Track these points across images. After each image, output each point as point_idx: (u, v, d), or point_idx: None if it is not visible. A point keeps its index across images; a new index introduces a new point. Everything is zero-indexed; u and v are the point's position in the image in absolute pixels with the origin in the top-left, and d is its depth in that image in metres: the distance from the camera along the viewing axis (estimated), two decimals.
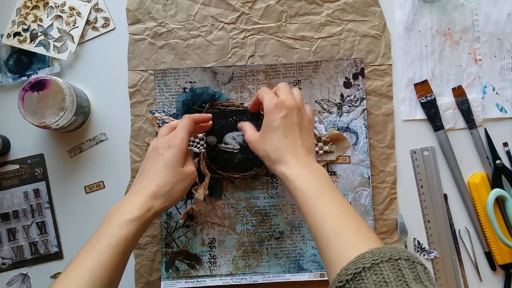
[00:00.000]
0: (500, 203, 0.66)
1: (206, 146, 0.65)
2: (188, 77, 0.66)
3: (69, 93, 0.60)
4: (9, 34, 0.67)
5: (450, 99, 0.67)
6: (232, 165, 0.65)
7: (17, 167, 0.67)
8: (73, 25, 0.67)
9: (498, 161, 0.66)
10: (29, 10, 0.67)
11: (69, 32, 0.67)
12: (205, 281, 0.65)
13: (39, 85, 0.60)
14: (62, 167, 0.67)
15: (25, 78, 0.67)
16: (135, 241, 0.50)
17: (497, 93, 0.67)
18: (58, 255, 0.66)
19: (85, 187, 0.67)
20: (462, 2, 0.67)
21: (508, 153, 0.67)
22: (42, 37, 0.67)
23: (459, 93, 0.67)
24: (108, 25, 0.68)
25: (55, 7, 0.68)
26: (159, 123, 0.66)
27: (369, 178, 0.66)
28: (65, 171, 0.67)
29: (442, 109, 0.67)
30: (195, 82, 0.66)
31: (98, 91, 0.68)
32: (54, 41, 0.67)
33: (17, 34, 0.67)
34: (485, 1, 0.68)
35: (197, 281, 0.65)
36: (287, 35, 0.67)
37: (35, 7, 0.68)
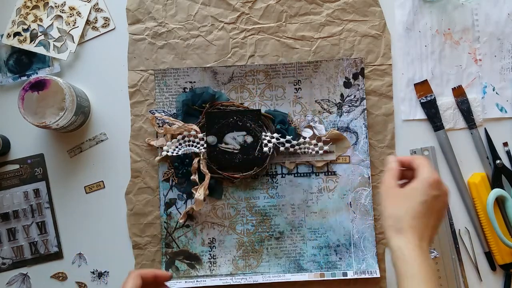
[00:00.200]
0: (500, 203, 0.66)
1: (206, 146, 0.65)
2: (188, 77, 0.66)
3: (69, 93, 0.60)
4: (9, 34, 0.67)
5: (450, 99, 0.67)
6: (232, 165, 0.65)
7: (17, 167, 0.67)
8: (73, 25, 0.67)
9: (498, 161, 0.66)
10: (29, 10, 0.67)
11: (69, 32, 0.67)
12: (205, 281, 0.65)
13: (39, 85, 0.60)
14: (62, 167, 0.67)
15: (25, 78, 0.67)
16: None
17: (497, 93, 0.67)
18: (58, 255, 0.66)
19: (85, 187, 0.67)
20: (462, 2, 0.67)
21: (508, 153, 0.67)
22: (42, 37, 0.67)
23: (459, 93, 0.67)
24: (108, 25, 0.68)
25: (55, 7, 0.68)
26: (159, 123, 0.66)
27: (369, 178, 0.66)
28: (65, 171, 0.67)
29: (442, 109, 0.67)
30: (195, 82, 0.66)
31: (98, 91, 0.68)
32: (54, 41, 0.67)
33: (17, 34, 0.67)
34: (485, 1, 0.68)
35: (197, 281, 0.65)
36: (287, 35, 0.67)
37: (35, 7, 0.68)
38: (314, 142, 0.65)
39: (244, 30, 0.67)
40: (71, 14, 0.67)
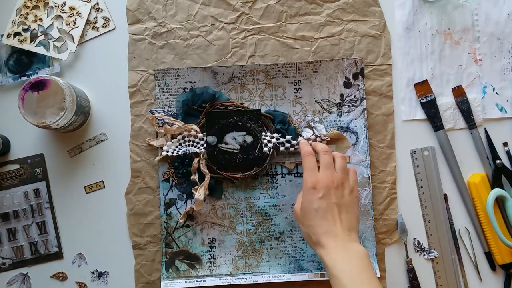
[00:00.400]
0: (500, 203, 0.66)
1: (206, 146, 0.65)
2: (188, 77, 0.66)
3: (69, 93, 0.60)
4: (9, 34, 0.67)
5: (450, 99, 0.67)
6: (232, 165, 0.65)
7: (17, 167, 0.67)
8: (73, 25, 0.67)
9: (498, 161, 0.66)
10: (29, 10, 0.67)
11: (69, 32, 0.67)
12: (205, 281, 0.65)
13: (39, 85, 0.60)
14: (62, 167, 0.67)
15: (25, 78, 0.67)
16: None
17: (497, 93, 0.67)
18: (58, 255, 0.67)
19: (85, 187, 0.67)
20: (462, 2, 0.67)
21: (508, 153, 0.67)
22: (42, 37, 0.67)
23: (459, 93, 0.67)
24: (108, 25, 0.68)
25: (55, 7, 0.68)
26: (159, 123, 0.66)
27: (369, 178, 0.66)
28: (65, 171, 0.67)
29: (442, 109, 0.67)
30: (195, 82, 0.66)
31: (98, 91, 0.68)
32: (54, 41, 0.67)
33: (17, 34, 0.67)
34: (485, 1, 0.68)
35: (197, 281, 0.65)
36: (287, 35, 0.67)
37: (35, 7, 0.68)
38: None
39: (244, 30, 0.67)
40: (71, 14, 0.67)
